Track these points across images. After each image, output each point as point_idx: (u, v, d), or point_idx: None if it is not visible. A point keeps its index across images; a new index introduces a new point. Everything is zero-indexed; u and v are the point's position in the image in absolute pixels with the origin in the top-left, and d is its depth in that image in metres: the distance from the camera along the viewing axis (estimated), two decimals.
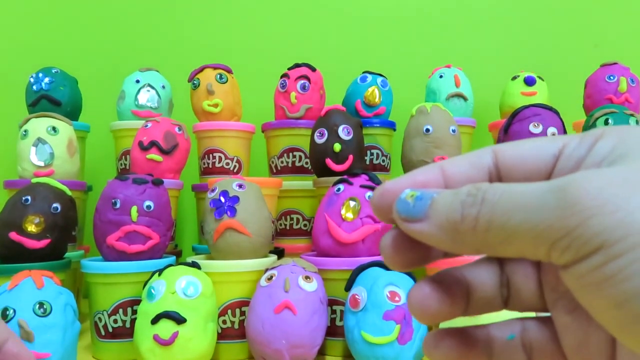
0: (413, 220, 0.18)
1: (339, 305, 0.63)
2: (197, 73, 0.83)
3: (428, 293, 0.19)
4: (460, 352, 0.21)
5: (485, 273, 0.21)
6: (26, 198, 0.62)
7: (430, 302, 0.19)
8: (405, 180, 0.20)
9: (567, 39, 1.02)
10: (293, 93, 0.81)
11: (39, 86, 0.82)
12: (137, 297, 0.61)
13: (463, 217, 0.17)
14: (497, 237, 0.17)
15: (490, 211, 0.17)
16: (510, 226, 0.16)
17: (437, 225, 0.18)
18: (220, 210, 0.63)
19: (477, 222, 0.17)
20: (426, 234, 0.18)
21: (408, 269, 0.20)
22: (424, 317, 0.20)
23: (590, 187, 0.15)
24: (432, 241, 0.18)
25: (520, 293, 0.21)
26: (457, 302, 0.20)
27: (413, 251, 0.20)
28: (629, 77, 0.84)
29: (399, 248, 0.20)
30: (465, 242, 0.18)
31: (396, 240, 0.20)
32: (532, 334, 0.21)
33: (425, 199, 0.18)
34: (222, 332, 0.62)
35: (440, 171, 0.20)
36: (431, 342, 0.21)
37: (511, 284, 0.21)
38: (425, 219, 0.18)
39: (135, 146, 0.74)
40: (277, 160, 0.83)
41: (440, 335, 0.21)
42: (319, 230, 0.64)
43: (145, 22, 1.04)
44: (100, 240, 0.63)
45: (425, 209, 0.18)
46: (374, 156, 0.84)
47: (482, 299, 0.21)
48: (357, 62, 0.95)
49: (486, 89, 0.94)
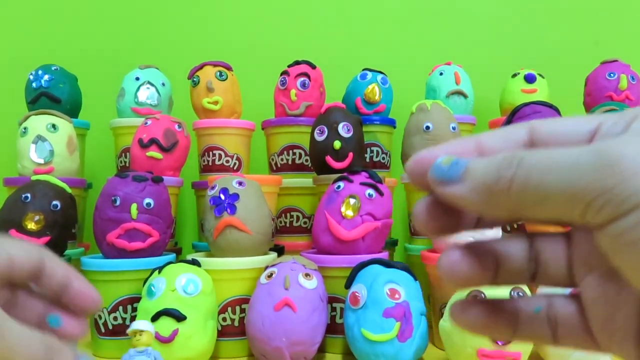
0: (448, 183, 0.19)
1: (339, 302, 0.63)
2: (197, 70, 0.83)
3: (458, 258, 0.20)
4: (486, 321, 0.21)
5: (515, 246, 0.21)
6: (26, 195, 0.62)
7: (460, 266, 0.20)
8: (441, 149, 0.20)
9: (567, 37, 1.01)
10: (293, 90, 0.81)
11: (38, 83, 0.82)
12: (137, 295, 0.61)
13: (498, 179, 0.18)
14: (532, 198, 0.17)
15: (527, 172, 0.17)
16: (546, 186, 0.17)
17: (472, 187, 0.18)
18: (220, 207, 0.63)
19: (513, 182, 0.18)
20: (460, 196, 0.19)
21: (439, 235, 0.21)
22: (453, 281, 0.20)
23: (630, 151, 0.16)
24: (465, 204, 0.19)
25: (548, 268, 0.21)
26: (486, 269, 0.20)
27: (445, 217, 0.20)
28: (630, 74, 0.84)
29: (431, 213, 0.20)
30: (498, 204, 0.18)
31: (429, 205, 0.20)
32: (558, 309, 0.21)
33: (461, 164, 0.19)
34: (222, 330, 0.62)
35: (476, 143, 0.20)
36: (459, 308, 0.21)
37: (540, 258, 0.21)
38: (460, 182, 0.19)
39: (135, 144, 0.74)
40: (277, 158, 0.83)
41: (469, 303, 0.21)
42: (319, 228, 0.64)
43: (145, 19, 1.03)
44: (100, 237, 0.63)
45: (461, 173, 0.19)
46: (374, 154, 0.84)
47: (510, 270, 0.21)
48: (357, 59, 0.95)
49: (486, 87, 0.94)
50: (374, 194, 0.63)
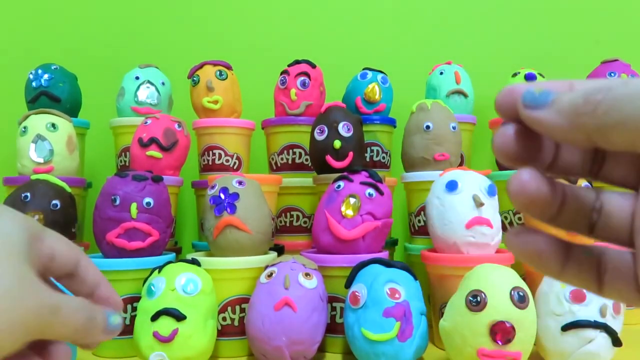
0: (536, 107, 0.20)
1: (339, 302, 0.63)
2: (197, 70, 0.83)
3: (530, 178, 0.20)
4: (539, 249, 0.21)
5: (583, 191, 0.22)
6: (25, 195, 0.62)
7: (530, 185, 0.20)
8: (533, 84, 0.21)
9: (567, 36, 1.01)
10: (293, 90, 0.81)
11: (38, 83, 0.82)
12: (136, 294, 0.61)
13: (586, 101, 0.19)
14: (613, 120, 0.18)
15: (613, 98, 0.18)
16: (628, 110, 0.18)
17: (558, 110, 0.19)
18: (220, 207, 0.63)
19: (599, 104, 0.19)
20: (545, 120, 0.20)
21: (512, 162, 0.21)
22: (521, 199, 0.20)
23: None
24: (549, 127, 0.20)
25: (610, 220, 0.22)
26: (554, 198, 0.21)
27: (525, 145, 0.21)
28: (630, 74, 0.84)
29: (513, 141, 0.21)
30: (580, 127, 0.19)
31: (512, 133, 0.21)
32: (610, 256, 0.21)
33: (551, 93, 0.20)
34: (222, 329, 0.62)
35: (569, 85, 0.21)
36: (514, 233, 0.22)
37: (604, 210, 0.22)
38: (548, 106, 0.20)
39: (135, 143, 0.74)
40: (277, 157, 0.83)
41: (525, 230, 0.22)
42: (319, 227, 0.64)
43: (144, 18, 1.03)
44: (100, 237, 0.63)
45: (550, 99, 0.20)
46: (374, 153, 0.84)
47: (573, 211, 0.22)
48: (357, 58, 0.95)
49: (487, 86, 0.94)
50: (374, 194, 0.63)
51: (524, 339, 0.52)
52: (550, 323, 0.55)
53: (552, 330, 0.55)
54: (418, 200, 0.76)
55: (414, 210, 0.78)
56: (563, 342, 0.54)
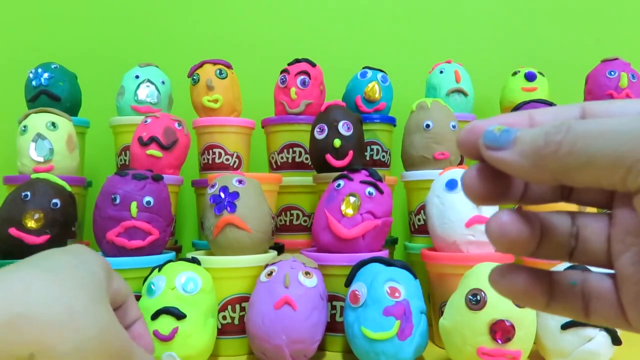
0: (498, 148, 0.20)
1: (339, 300, 0.63)
2: (197, 68, 0.83)
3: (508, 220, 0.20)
4: (524, 287, 0.21)
5: (559, 219, 0.22)
6: (26, 194, 0.62)
7: (509, 229, 0.20)
8: (494, 119, 0.21)
9: (567, 35, 1.01)
10: (293, 88, 0.81)
11: (38, 81, 0.82)
12: (136, 293, 0.61)
13: (547, 143, 0.19)
14: (577, 161, 0.18)
15: (574, 137, 0.18)
16: (591, 150, 0.18)
17: (520, 151, 0.19)
18: (220, 206, 0.63)
19: (560, 146, 0.18)
20: (508, 160, 0.20)
21: (484, 202, 0.21)
22: (501, 243, 0.20)
23: None
24: (513, 168, 0.20)
25: (587, 245, 0.21)
26: (533, 236, 0.21)
27: (493, 184, 0.21)
28: (630, 72, 0.84)
29: (481, 180, 0.21)
30: (545, 168, 0.19)
31: (478, 172, 0.21)
32: (592, 284, 0.21)
33: (512, 132, 0.20)
34: (222, 328, 0.62)
35: (528, 117, 0.21)
36: (498, 273, 0.22)
37: (580, 235, 0.22)
38: (510, 147, 0.20)
39: (135, 142, 0.74)
40: (277, 156, 0.83)
41: (508, 268, 0.22)
42: (319, 226, 0.64)
43: (144, 17, 1.03)
44: (100, 235, 0.63)
45: (511, 139, 0.20)
46: (374, 152, 0.84)
47: (552, 242, 0.22)
48: (357, 57, 0.95)
49: (487, 85, 0.94)
50: (374, 192, 0.63)
51: (524, 338, 0.52)
52: (550, 322, 0.55)
53: (551, 329, 0.55)
54: (418, 199, 0.76)
55: (413, 209, 0.78)
56: (563, 340, 0.54)
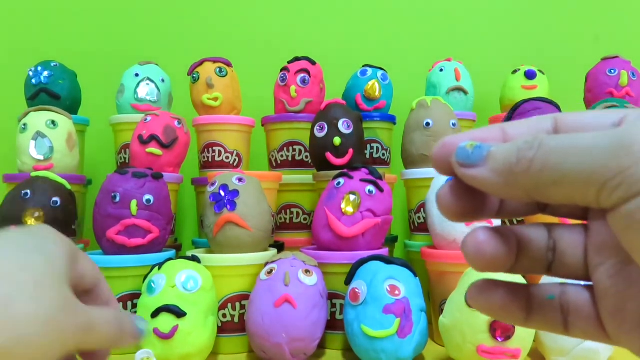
0: (470, 165, 0.20)
1: (339, 299, 0.63)
2: (197, 66, 0.83)
3: (485, 238, 0.20)
4: (502, 303, 0.21)
5: (536, 233, 0.22)
6: (26, 192, 0.62)
7: (486, 247, 0.20)
8: (466, 135, 0.21)
9: (568, 33, 1.01)
10: (293, 87, 0.81)
11: (38, 80, 0.82)
12: (137, 291, 0.61)
13: (519, 160, 0.18)
14: (549, 178, 0.18)
15: (546, 153, 0.18)
16: (564, 167, 0.17)
17: (493, 169, 0.19)
18: (220, 204, 0.63)
19: (532, 163, 0.18)
20: (481, 178, 0.19)
21: (460, 219, 0.21)
22: (477, 261, 0.20)
23: None
24: (486, 185, 0.19)
25: (564, 258, 0.21)
26: (510, 253, 0.21)
27: (468, 201, 0.21)
28: (630, 70, 0.84)
29: (455, 197, 0.21)
30: (517, 185, 0.19)
31: (453, 188, 0.21)
32: (570, 297, 0.21)
33: (484, 148, 0.20)
34: (222, 326, 0.62)
35: (501, 132, 0.21)
36: (476, 290, 0.22)
37: (557, 248, 0.21)
38: (482, 164, 0.19)
39: (135, 140, 0.74)
40: (277, 154, 0.83)
41: (486, 285, 0.22)
42: (319, 224, 0.64)
43: (144, 15, 1.03)
44: (100, 234, 0.63)
45: (483, 156, 0.19)
46: (374, 150, 0.84)
47: (530, 257, 0.21)
48: (357, 55, 0.95)
49: (487, 83, 0.94)
50: (374, 191, 0.63)
51: (524, 336, 0.52)
52: None
53: None
54: (418, 197, 0.76)
55: (413, 207, 0.78)
56: (562, 338, 0.54)
